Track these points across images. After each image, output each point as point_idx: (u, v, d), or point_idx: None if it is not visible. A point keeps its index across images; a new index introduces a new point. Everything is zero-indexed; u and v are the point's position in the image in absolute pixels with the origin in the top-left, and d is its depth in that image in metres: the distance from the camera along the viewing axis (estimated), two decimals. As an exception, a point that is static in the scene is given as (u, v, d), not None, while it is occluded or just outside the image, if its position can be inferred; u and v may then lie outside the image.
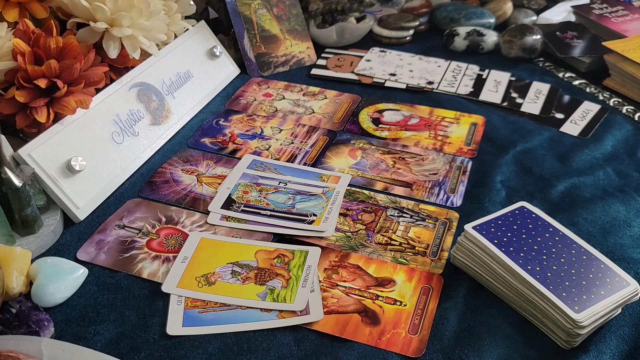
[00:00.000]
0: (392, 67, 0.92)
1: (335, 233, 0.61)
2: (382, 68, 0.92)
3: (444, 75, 0.90)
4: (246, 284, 0.55)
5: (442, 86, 0.87)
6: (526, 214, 0.56)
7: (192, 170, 0.70)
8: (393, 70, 0.91)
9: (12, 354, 0.43)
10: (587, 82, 0.89)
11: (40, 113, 0.59)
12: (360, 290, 0.55)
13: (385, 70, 0.91)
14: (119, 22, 0.65)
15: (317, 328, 0.51)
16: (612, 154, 0.74)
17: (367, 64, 0.93)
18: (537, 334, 0.51)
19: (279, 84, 0.88)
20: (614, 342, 0.50)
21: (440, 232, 0.62)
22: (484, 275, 0.55)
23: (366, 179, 0.69)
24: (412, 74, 0.90)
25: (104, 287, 0.55)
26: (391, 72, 0.90)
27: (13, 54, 0.59)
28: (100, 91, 0.68)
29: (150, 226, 0.62)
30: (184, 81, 0.80)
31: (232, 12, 0.89)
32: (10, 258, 0.53)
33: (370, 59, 0.94)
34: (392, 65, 0.93)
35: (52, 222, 0.60)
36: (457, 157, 0.73)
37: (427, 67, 0.93)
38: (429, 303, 0.54)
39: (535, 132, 0.78)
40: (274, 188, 0.67)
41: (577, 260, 0.52)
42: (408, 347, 0.50)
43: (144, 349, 0.49)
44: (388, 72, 0.91)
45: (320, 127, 0.79)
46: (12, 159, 0.58)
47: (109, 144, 0.67)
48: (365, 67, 0.92)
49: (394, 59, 0.94)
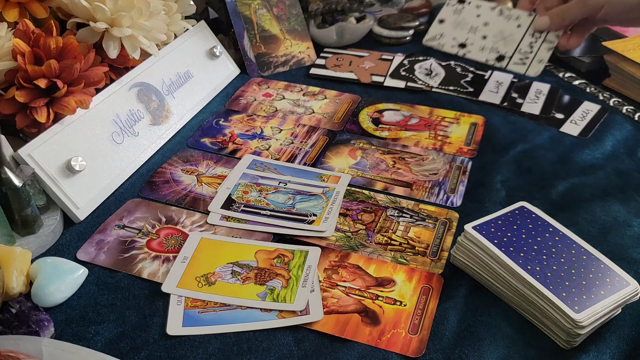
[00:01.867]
0: (464, 32, 0.83)
1: (335, 233, 0.61)
2: (453, 34, 0.84)
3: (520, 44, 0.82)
4: (246, 284, 0.55)
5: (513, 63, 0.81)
6: (526, 214, 0.56)
7: (192, 170, 0.70)
8: (465, 38, 0.83)
9: (12, 354, 0.43)
10: (587, 82, 0.89)
11: (40, 113, 0.59)
12: (360, 290, 0.55)
13: (456, 37, 0.84)
14: (119, 22, 0.65)
15: (317, 328, 0.51)
16: (612, 154, 0.74)
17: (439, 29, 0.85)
18: (537, 334, 0.51)
19: (279, 84, 0.88)
20: (614, 342, 0.50)
21: (440, 232, 0.62)
22: (484, 275, 0.55)
23: (366, 179, 0.69)
24: (484, 43, 0.82)
25: (104, 287, 0.55)
26: (461, 43, 0.83)
27: (13, 54, 0.59)
28: (100, 91, 0.68)
29: (150, 226, 0.62)
30: (184, 81, 0.80)
31: (232, 12, 0.89)
32: (10, 258, 0.53)
33: (444, 19, 0.86)
34: (466, 28, 0.84)
35: (52, 222, 0.60)
36: (457, 157, 0.73)
37: (505, 29, 0.83)
38: (429, 303, 0.54)
39: (535, 132, 0.78)
40: (274, 188, 0.67)
41: (577, 260, 0.52)
42: (408, 347, 0.50)
43: (144, 349, 0.49)
44: (459, 41, 0.84)
45: (320, 127, 0.79)
46: (12, 159, 0.58)
47: (109, 144, 0.67)
48: (435, 35, 0.85)
49: (470, 18, 0.85)
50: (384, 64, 0.93)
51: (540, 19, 0.80)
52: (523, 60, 0.81)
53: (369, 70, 0.92)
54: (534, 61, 0.81)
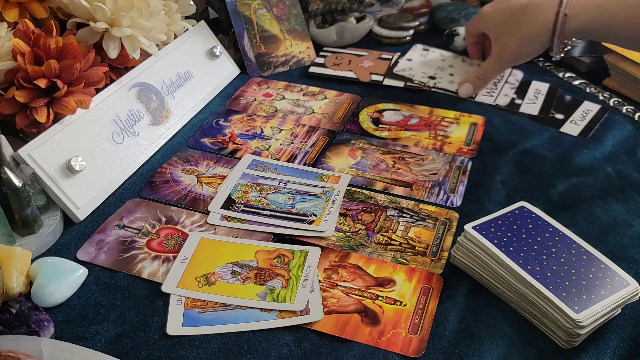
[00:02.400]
0: (432, 69, 0.89)
1: (335, 233, 0.61)
2: (422, 70, 0.89)
3: None
4: (246, 284, 0.55)
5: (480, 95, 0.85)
6: (526, 214, 0.56)
7: (192, 170, 0.70)
8: (433, 73, 0.88)
9: (12, 354, 0.43)
10: (587, 82, 0.89)
11: (40, 113, 0.59)
12: (360, 290, 0.55)
13: (425, 72, 0.89)
14: (119, 22, 0.65)
15: (317, 328, 0.51)
16: (612, 154, 0.74)
17: (408, 64, 0.90)
18: (537, 334, 0.51)
19: (279, 84, 0.88)
20: (614, 342, 0.50)
21: (440, 232, 0.62)
22: (484, 275, 0.55)
23: (366, 179, 0.69)
24: (452, 78, 0.87)
25: (104, 287, 0.55)
26: (431, 75, 0.88)
27: (13, 54, 0.59)
28: (100, 91, 0.68)
29: (150, 226, 0.62)
30: (184, 81, 0.80)
31: (232, 12, 0.89)
32: (10, 258, 0.53)
33: (411, 59, 0.92)
34: (433, 66, 0.89)
35: (52, 222, 0.60)
36: (457, 157, 0.73)
37: (470, 69, 0.90)
38: (429, 303, 0.54)
39: (535, 132, 0.78)
40: (274, 188, 0.67)
41: (577, 260, 0.52)
42: (408, 347, 0.50)
43: (144, 349, 0.49)
44: (428, 74, 0.88)
45: (320, 127, 0.79)
46: (12, 159, 0.58)
47: (109, 144, 0.67)
48: (405, 68, 0.89)
49: (436, 61, 0.91)
50: (383, 63, 0.93)
51: (463, 87, 0.84)
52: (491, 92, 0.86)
53: (368, 69, 0.92)
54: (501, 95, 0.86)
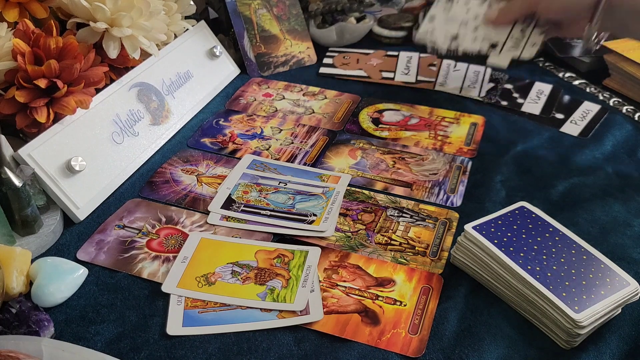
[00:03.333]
0: (455, 26, 0.84)
1: (335, 233, 0.61)
2: (445, 28, 0.84)
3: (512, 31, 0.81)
4: (246, 284, 0.55)
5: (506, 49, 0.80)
6: (526, 214, 0.56)
7: (192, 170, 0.70)
8: (456, 31, 0.83)
9: (12, 354, 0.43)
10: (587, 82, 0.89)
11: (40, 113, 0.59)
12: (360, 290, 0.55)
13: (448, 31, 0.84)
14: (119, 22, 0.65)
15: (317, 328, 0.51)
16: (612, 154, 0.74)
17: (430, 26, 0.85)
18: (537, 334, 0.51)
19: (279, 84, 0.88)
20: (614, 342, 0.50)
21: (440, 232, 0.62)
22: (484, 275, 0.55)
23: (366, 179, 0.69)
24: (475, 34, 0.83)
25: (104, 287, 0.55)
26: (453, 35, 0.83)
27: (13, 54, 0.59)
28: (100, 91, 0.68)
29: (150, 226, 0.62)
30: (184, 81, 0.80)
31: (232, 12, 0.89)
32: (10, 258, 0.53)
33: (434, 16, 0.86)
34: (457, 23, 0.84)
35: (52, 222, 0.60)
36: (457, 157, 0.73)
37: None
38: (429, 303, 0.54)
39: (535, 132, 0.78)
40: (274, 188, 0.67)
41: (577, 260, 0.52)
42: (408, 347, 0.50)
43: (144, 349, 0.49)
44: (451, 33, 0.83)
45: (320, 127, 0.79)
46: (12, 159, 0.58)
47: (109, 144, 0.67)
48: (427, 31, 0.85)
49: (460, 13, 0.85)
50: (390, 60, 0.93)
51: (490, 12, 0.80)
52: (516, 46, 0.81)
53: (377, 67, 0.92)
54: (527, 45, 0.81)
